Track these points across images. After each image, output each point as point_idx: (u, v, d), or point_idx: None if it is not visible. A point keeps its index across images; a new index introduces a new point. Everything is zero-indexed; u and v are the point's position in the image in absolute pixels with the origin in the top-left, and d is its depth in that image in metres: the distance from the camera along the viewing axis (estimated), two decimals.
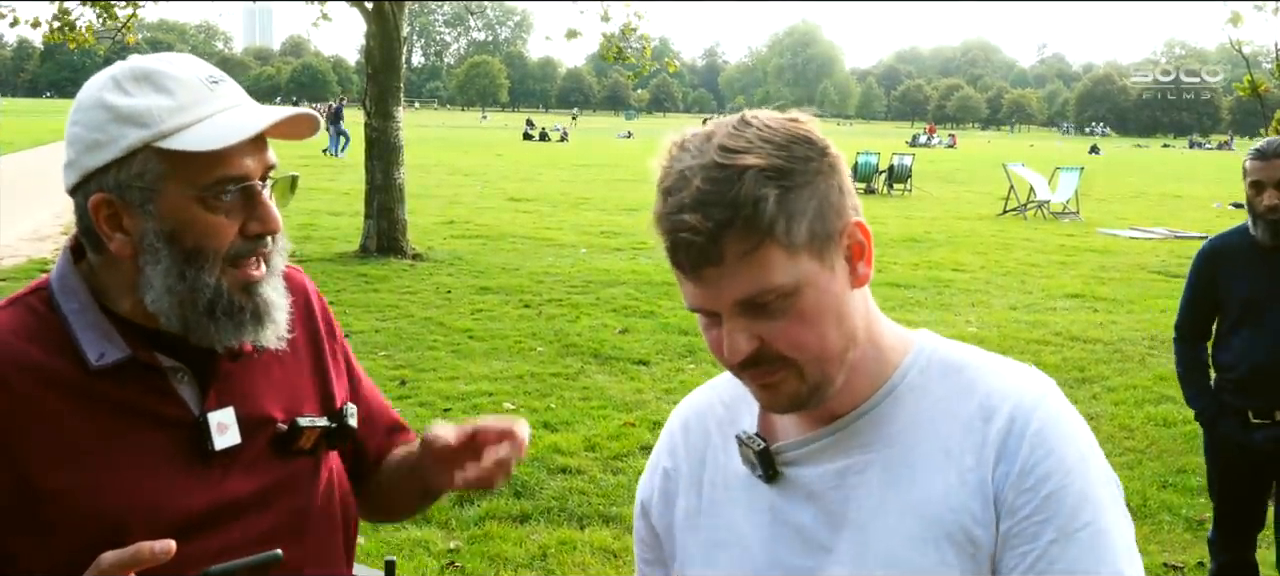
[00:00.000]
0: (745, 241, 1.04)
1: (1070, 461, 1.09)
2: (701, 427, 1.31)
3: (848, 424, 1.16)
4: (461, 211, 17.42)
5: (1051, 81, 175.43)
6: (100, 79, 1.27)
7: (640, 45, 14.62)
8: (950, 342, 1.21)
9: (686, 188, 1.05)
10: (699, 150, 1.06)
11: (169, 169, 1.22)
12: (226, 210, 1.25)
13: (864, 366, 1.15)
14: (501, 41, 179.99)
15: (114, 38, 14.01)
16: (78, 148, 1.25)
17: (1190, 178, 36.09)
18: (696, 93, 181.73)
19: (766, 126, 1.07)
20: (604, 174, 28.27)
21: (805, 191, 1.06)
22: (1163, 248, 15.76)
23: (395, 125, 12.44)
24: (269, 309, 1.30)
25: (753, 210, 1.03)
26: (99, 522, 1.20)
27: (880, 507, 1.12)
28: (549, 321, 9.03)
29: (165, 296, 1.25)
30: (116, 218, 1.25)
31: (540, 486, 5.18)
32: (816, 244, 1.07)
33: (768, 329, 1.08)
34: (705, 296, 1.08)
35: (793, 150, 1.06)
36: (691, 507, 1.28)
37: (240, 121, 1.25)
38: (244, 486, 1.32)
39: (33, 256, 11.72)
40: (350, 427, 1.43)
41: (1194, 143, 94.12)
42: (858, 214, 1.12)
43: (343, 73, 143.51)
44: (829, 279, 1.09)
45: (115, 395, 1.26)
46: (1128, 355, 8.43)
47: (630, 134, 64.24)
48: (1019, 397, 1.12)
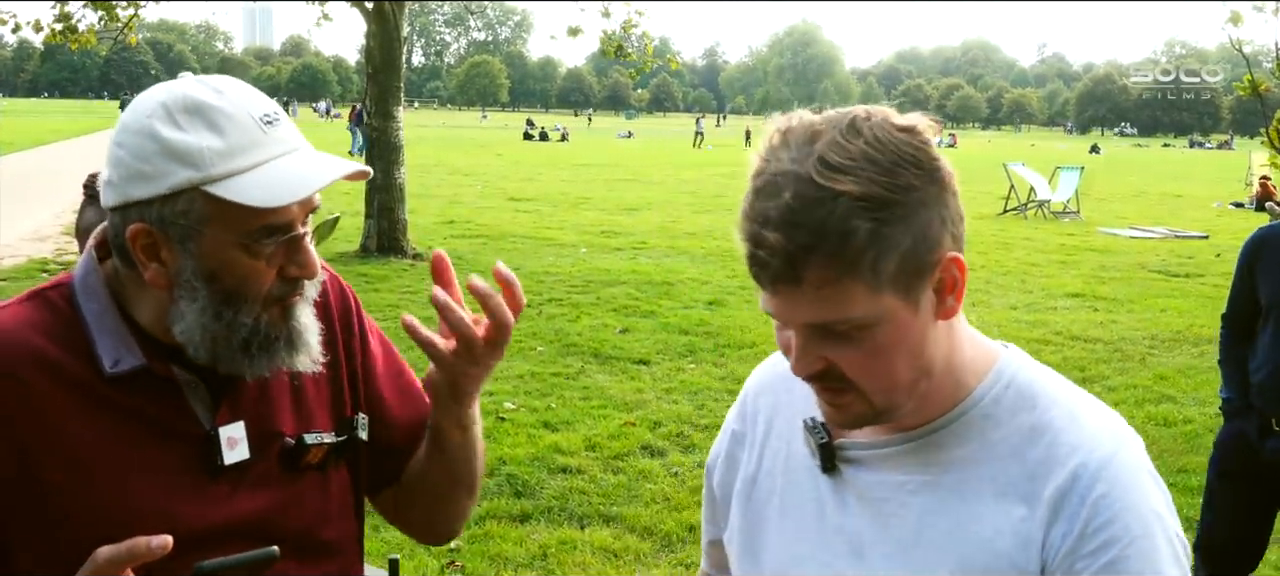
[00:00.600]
0: (827, 270, 0.98)
1: (1135, 531, 1.02)
2: (773, 396, 1.28)
3: (913, 438, 1.12)
4: (462, 211, 17.42)
5: (1052, 81, 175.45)
6: (150, 103, 1.22)
7: (641, 43, 14.63)
8: (1034, 366, 1.14)
9: (776, 198, 0.98)
10: (799, 155, 0.99)
11: (214, 213, 1.20)
12: (268, 256, 1.24)
13: (938, 389, 1.10)
14: (502, 41, 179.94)
15: (115, 38, 14.01)
16: (121, 172, 1.22)
17: (1190, 177, 36.07)
18: (697, 92, 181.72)
19: (877, 140, 0.98)
20: (604, 174, 28.27)
21: (902, 225, 0.98)
22: (1163, 247, 15.75)
23: (395, 125, 12.44)
24: (302, 335, 1.29)
25: (839, 242, 0.96)
26: (101, 528, 1.19)
27: (923, 533, 1.09)
28: (549, 321, 9.02)
29: (197, 331, 1.23)
30: (154, 248, 1.23)
31: (541, 486, 5.18)
32: (904, 279, 1.00)
33: (838, 354, 1.04)
34: (779, 309, 1.04)
35: (897, 177, 0.98)
36: (749, 476, 1.26)
37: (293, 180, 1.22)
38: (251, 502, 1.31)
39: (33, 256, 11.72)
40: (360, 440, 1.41)
41: (1195, 142, 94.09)
42: (957, 245, 1.04)
43: (343, 73, 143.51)
44: (910, 315, 1.03)
45: (127, 403, 1.25)
46: (1128, 354, 8.44)
47: (631, 134, 64.25)
48: (1088, 453, 1.05)
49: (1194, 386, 7.48)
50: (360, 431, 1.41)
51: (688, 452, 5.80)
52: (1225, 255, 14.76)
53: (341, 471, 1.43)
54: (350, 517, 1.45)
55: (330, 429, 1.39)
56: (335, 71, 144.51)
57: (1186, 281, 12.41)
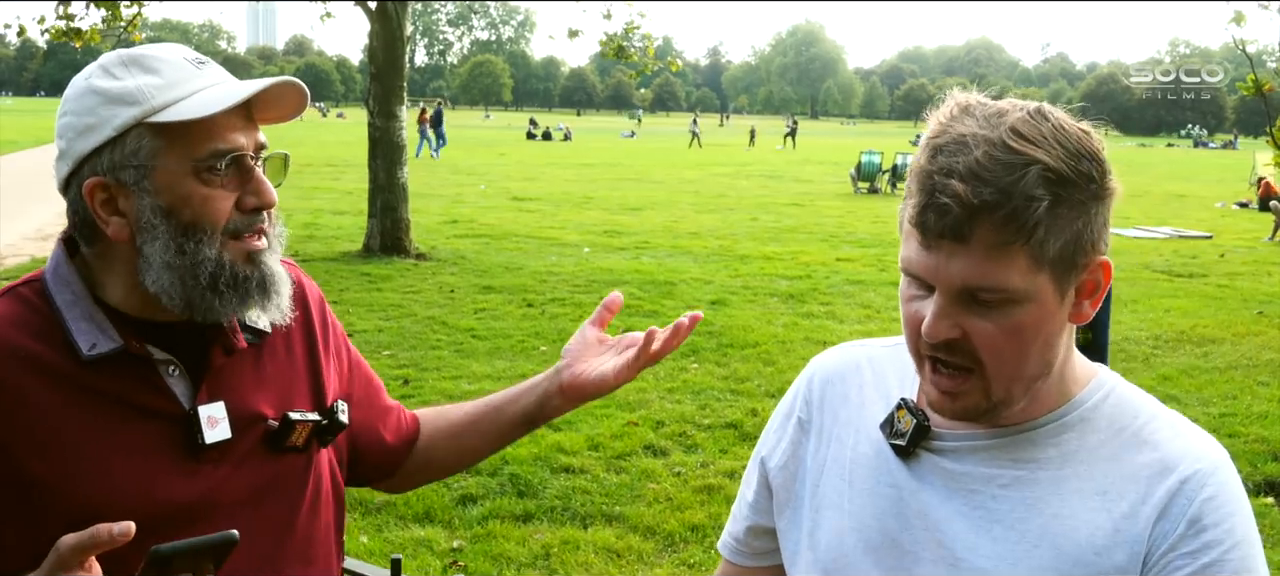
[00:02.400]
0: (1001, 233, 1.00)
1: (1237, 536, 1.05)
2: (841, 385, 1.28)
3: (1010, 433, 1.13)
4: (465, 211, 17.43)
5: (1055, 81, 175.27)
6: (87, 70, 1.29)
7: (643, 44, 14.62)
8: (1129, 386, 1.17)
9: (965, 154, 1.00)
10: (988, 122, 1.02)
11: (162, 144, 1.24)
12: (222, 183, 1.26)
13: (1048, 391, 1.12)
14: (505, 41, 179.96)
15: (119, 37, 14.03)
16: (69, 136, 1.27)
17: (1194, 177, 36.02)
18: (700, 92, 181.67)
19: (1063, 128, 1.02)
20: (607, 173, 28.27)
21: (1075, 210, 1.01)
22: (1167, 247, 15.73)
23: (398, 125, 12.45)
24: (274, 281, 1.31)
25: (1023, 205, 0.99)
26: (84, 513, 1.19)
27: (1017, 525, 1.10)
28: (552, 321, 9.02)
29: (165, 272, 1.25)
30: (112, 201, 1.25)
31: (543, 485, 5.18)
32: (1061, 266, 1.03)
33: (976, 326, 1.05)
34: (931, 267, 1.04)
35: (1081, 165, 1.01)
36: (820, 462, 1.26)
37: (227, 91, 1.26)
38: (234, 482, 1.32)
39: (36, 255, 11.73)
40: (341, 423, 1.43)
41: (1199, 142, 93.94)
42: (1107, 251, 1.07)
43: (346, 72, 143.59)
44: (1056, 304, 1.05)
45: (106, 387, 1.26)
46: (1132, 355, 8.42)
47: (634, 133, 64.22)
48: (1198, 461, 1.08)
49: (1197, 387, 7.48)
50: (340, 415, 1.43)
51: (690, 452, 5.80)
52: (1229, 255, 14.75)
53: (321, 455, 1.44)
54: (330, 503, 1.47)
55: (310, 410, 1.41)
56: (339, 71, 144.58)
57: (1190, 281, 12.39)
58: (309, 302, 1.48)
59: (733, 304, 9.89)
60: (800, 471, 1.28)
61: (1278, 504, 5.28)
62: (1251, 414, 6.80)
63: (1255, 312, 10.37)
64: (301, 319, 1.44)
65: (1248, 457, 5.91)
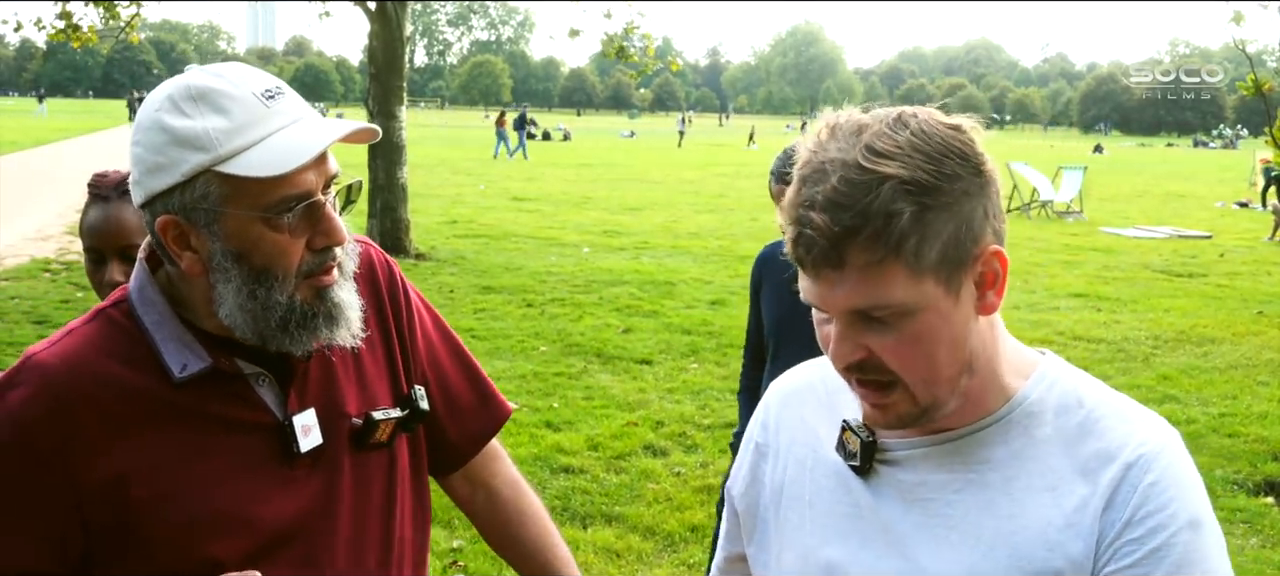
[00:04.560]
0: (870, 253, 0.99)
1: (1181, 519, 1.05)
2: (798, 406, 1.29)
3: (955, 438, 1.13)
4: (464, 211, 17.43)
5: (1055, 81, 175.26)
6: (158, 98, 1.25)
7: (643, 44, 14.63)
8: (1074, 373, 1.16)
9: (823, 183, 1.00)
10: (846, 143, 1.02)
11: (231, 191, 1.21)
12: (291, 228, 1.24)
13: (980, 389, 1.11)
14: (504, 41, 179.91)
15: (117, 37, 14.02)
16: (140, 169, 1.25)
17: (1194, 177, 36.03)
18: (700, 92, 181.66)
19: (922, 132, 1.02)
20: (606, 173, 28.26)
21: (946, 213, 1.01)
22: (1166, 247, 15.73)
23: (398, 125, 12.45)
24: (341, 310, 1.31)
25: (883, 223, 0.98)
26: (193, 533, 1.23)
27: (972, 531, 1.10)
28: (552, 321, 9.02)
29: (238, 313, 1.25)
30: (184, 237, 1.25)
31: (543, 486, 5.18)
32: (946, 268, 1.02)
33: (878, 342, 1.05)
34: (820, 296, 1.05)
35: (943, 166, 1.01)
36: (777, 484, 1.27)
37: (299, 142, 1.22)
38: (324, 485, 1.34)
39: (36, 256, 11.71)
40: (422, 411, 1.44)
41: (1199, 142, 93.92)
42: (999, 240, 1.06)
43: (346, 73, 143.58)
44: (951, 305, 1.04)
45: (200, 406, 1.27)
46: (1131, 355, 8.43)
47: (633, 133, 64.22)
48: (1140, 445, 1.08)
49: (1197, 386, 7.48)
50: (420, 402, 1.44)
51: (690, 452, 5.80)
52: (1229, 255, 14.75)
53: (406, 450, 1.46)
54: (416, 496, 1.49)
55: (392, 404, 1.43)
56: (338, 71, 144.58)
57: (1190, 281, 12.40)
58: (380, 286, 1.47)
59: (732, 304, 9.88)
60: (760, 495, 1.29)
61: (1278, 504, 5.28)
62: (1251, 414, 6.80)
63: (1255, 312, 10.37)
64: (375, 303, 1.44)
65: (1248, 457, 5.91)
